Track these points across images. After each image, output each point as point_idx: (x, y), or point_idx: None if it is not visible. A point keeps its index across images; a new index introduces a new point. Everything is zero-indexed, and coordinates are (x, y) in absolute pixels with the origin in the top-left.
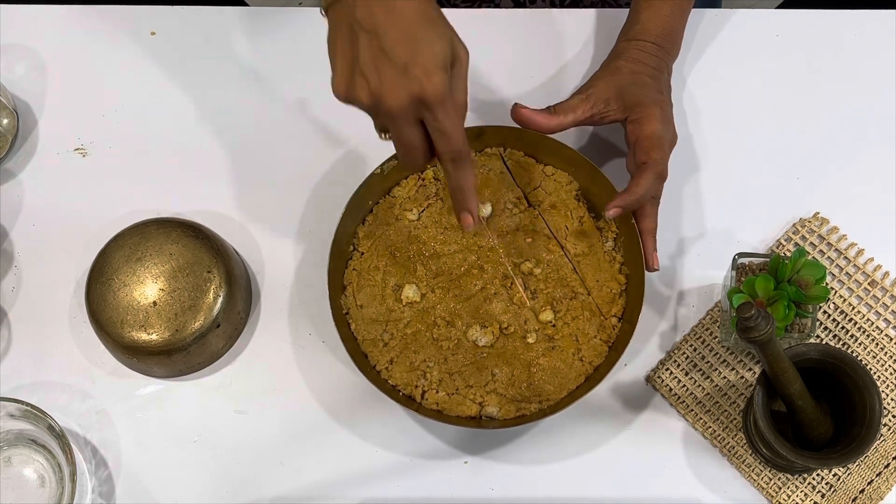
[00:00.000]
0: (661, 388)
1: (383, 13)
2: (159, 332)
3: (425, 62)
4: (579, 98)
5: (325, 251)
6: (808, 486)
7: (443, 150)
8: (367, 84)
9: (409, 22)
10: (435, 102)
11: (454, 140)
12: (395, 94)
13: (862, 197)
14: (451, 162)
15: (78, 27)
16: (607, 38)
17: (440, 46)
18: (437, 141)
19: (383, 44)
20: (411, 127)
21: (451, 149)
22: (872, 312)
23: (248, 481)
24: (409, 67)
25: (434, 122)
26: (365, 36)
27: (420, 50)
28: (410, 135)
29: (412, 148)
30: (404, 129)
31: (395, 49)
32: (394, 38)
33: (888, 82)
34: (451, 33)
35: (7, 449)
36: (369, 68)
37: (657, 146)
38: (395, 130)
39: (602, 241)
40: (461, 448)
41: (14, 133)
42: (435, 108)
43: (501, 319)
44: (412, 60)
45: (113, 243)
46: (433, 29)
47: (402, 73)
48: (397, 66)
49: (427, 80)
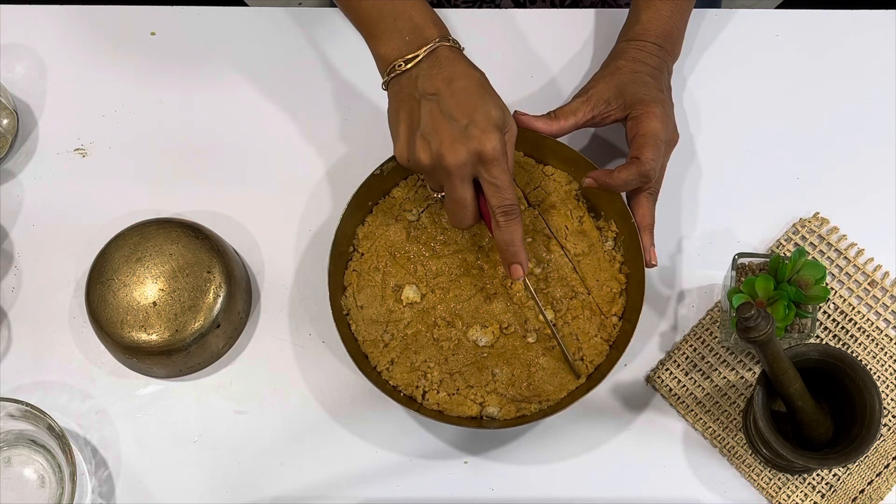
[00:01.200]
0: (661, 389)
1: (445, 83)
2: (159, 332)
3: (484, 124)
4: (580, 101)
5: (325, 251)
6: (808, 486)
7: (496, 204)
8: (429, 145)
9: (468, 90)
10: (492, 159)
11: (508, 195)
12: (455, 152)
13: (862, 197)
14: (503, 216)
15: (78, 27)
16: (607, 38)
17: (496, 112)
18: (492, 195)
19: (444, 109)
20: (465, 184)
21: (505, 203)
22: (872, 312)
23: (248, 481)
24: (470, 128)
25: (490, 178)
26: (427, 103)
27: (479, 113)
28: (464, 192)
29: (464, 205)
30: (458, 187)
31: (455, 112)
32: (454, 103)
33: (888, 82)
34: (504, 104)
35: (7, 449)
36: (430, 130)
37: (651, 144)
38: (450, 187)
39: (602, 240)
40: (461, 448)
41: (14, 133)
42: (491, 164)
43: (501, 319)
44: (472, 121)
45: (113, 243)
46: (489, 97)
47: (463, 133)
48: (458, 126)
49: (486, 139)
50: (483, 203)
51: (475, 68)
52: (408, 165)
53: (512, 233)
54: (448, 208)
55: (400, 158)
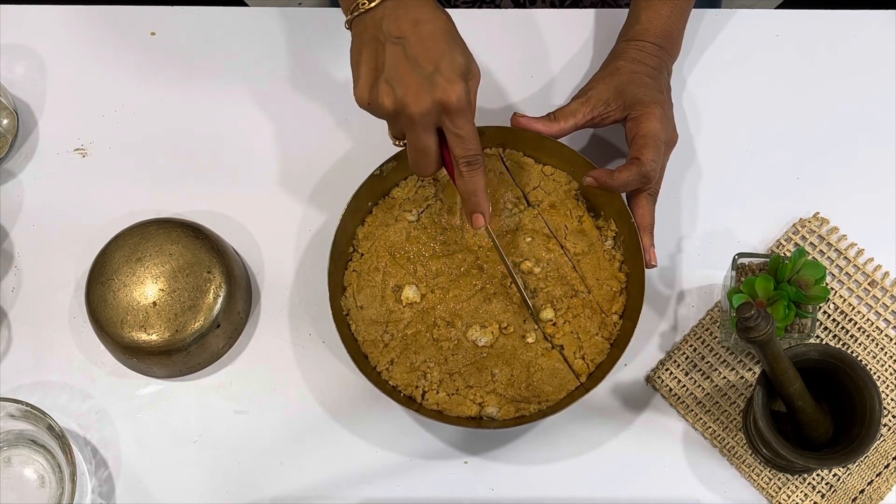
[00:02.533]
0: (661, 389)
1: (410, 26)
2: (159, 332)
3: (449, 73)
4: (579, 102)
5: (325, 252)
6: (808, 486)
7: (460, 154)
8: (393, 91)
9: (434, 36)
10: (456, 109)
11: (471, 145)
12: (419, 101)
13: (862, 197)
14: (466, 166)
15: (78, 27)
16: (607, 38)
17: (462, 59)
18: (455, 146)
19: (409, 54)
20: (428, 133)
21: (468, 153)
22: (872, 312)
23: (248, 481)
24: (435, 76)
25: (454, 128)
26: (392, 47)
27: (444, 61)
28: (427, 141)
29: (427, 154)
30: (422, 136)
31: (421, 58)
32: (420, 49)
33: (888, 82)
34: (468, 51)
35: (7, 449)
36: (394, 76)
37: (651, 145)
38: (413, 136)
39: (602, 239)
40: (461, 448)
41: (14, 133)
42: (456, 115)
43: (501, 319)
44: (437, 70)
45: (113, 243)
46: (456, 44)
47: (428, 81)
48: (423, 73)
49: (451, 89)
50: (446, 151)
51: (442, 11)
52: (367, 109)
53: (475, 182)
54: (410, 156)
55: (359, 101)
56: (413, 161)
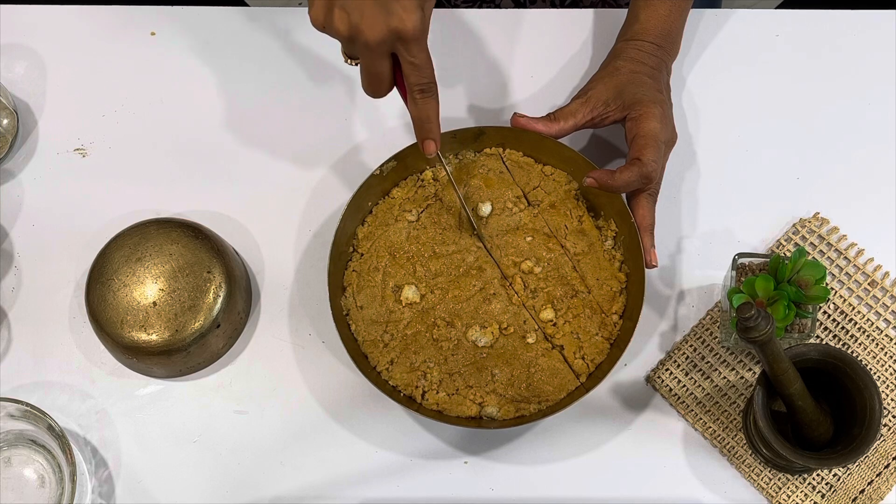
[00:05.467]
0: (661, 389)
1: None
2: (159, 332)
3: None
4: (578, 102)
5: (325, 252)
6: (808, 486)
7: (414, 82)
8: (347, 16)
9: None
10: (412, 38)
11: (426, 73)
12: (374, 28)
13: (862, 197)
14: (420, 93)
15: (78, 27)
16: (607, 38)
17: None
18: (410, 73)
19: None
20: (382, 59)
21: (422, 81)
22: (872, 312)
23: (248, 481)
24: (390, 3)
25: (409, 56)
26: None
27: None
28: (381, 67)
29: (381, 79)
30: (376, 61)
31: None
32: None
33: (888, 82)
34: None
35: (7, 449)
36: (350, 1)
37: (652, 145)
38: (367, 61)
39: (602, 239)
40: (461, 448)
41: (14, 133)
42: (411, 43)
43: (501, 319)
44: None
45: (113, 243)
46: None
47: (383, 8)
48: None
49: (407, 17)
50: (399, 76)
51: None
52: (322, 31)
53: (428, 109)
54: (363, 79)
55: (314, 23)
56: (365, 84)
